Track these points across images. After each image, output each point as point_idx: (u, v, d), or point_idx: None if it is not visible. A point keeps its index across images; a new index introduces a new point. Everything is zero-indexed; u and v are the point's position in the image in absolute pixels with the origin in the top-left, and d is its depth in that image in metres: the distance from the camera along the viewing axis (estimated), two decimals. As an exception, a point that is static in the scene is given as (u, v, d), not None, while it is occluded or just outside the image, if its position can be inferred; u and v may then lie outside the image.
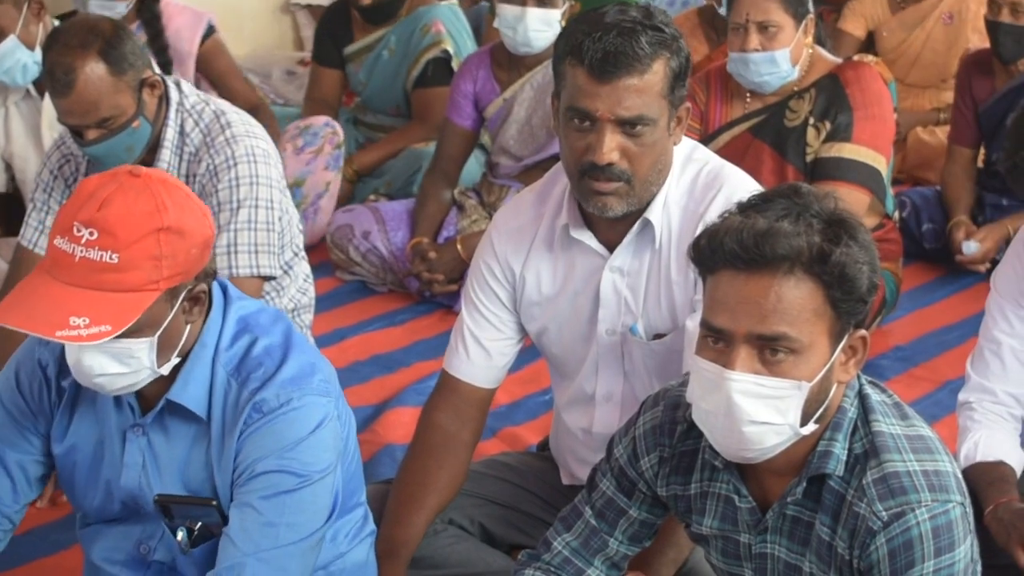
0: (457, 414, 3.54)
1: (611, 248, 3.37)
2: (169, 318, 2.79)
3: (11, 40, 4.89)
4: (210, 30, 5.97)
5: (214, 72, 5.88)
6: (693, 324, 3.24)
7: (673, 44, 3.25)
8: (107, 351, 2.76)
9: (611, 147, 3.18)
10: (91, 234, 2.70)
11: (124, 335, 2.73)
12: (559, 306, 3.49)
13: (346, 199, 6.19)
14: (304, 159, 5.94)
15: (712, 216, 3.15)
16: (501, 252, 3.52)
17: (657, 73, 3.21)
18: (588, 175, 3.21)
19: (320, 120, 6.16)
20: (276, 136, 5.16)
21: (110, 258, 2.70)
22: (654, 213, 3.32)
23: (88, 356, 2.76)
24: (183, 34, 5.93)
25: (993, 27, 5.78)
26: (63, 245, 2.72)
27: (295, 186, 5.68)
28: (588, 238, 3.39)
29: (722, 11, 6.09)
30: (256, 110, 5.46)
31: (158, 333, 2.78)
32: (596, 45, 3.16)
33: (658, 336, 3.39)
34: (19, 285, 2.80)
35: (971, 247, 5.58)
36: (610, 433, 3.17)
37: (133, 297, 2.72)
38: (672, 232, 3.34)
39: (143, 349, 2.78)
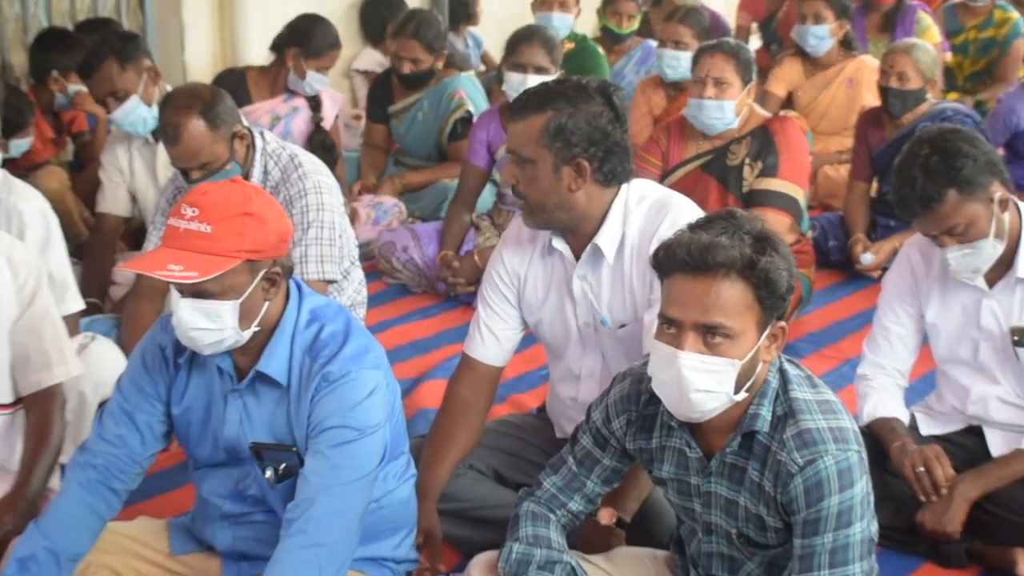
0: (474, 386, 3.56)
1: (579, 258, 3.41)
2: (250, 289, 2.82)
3: (134, 99, 4.88)
4: (336, 116, 6.10)
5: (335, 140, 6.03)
6: (649, 317, 3.27)
7: (564, 108, 3.25)
8: (200, 309, 2.80)
9: (509, 174, 3.32)
10: (193, 211, 2.78)
11: (211, 296, 2.79)
12: (549, 303, 3.51)
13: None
14: (378, 228, 6.01)
15: (662, 232, 3.22)
16: (508, 262, 3.54)
17: (533, 123, 3.26)
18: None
19: (390, 200, 6.20)
20: (341, 180, 5.23)
21: (205, 228, 2.76)
22: (602, 240, 3.35)
23: (186, 312, 2.81)
24: (326, 112, 6.05)
25: (884, 91, 5.80)
26: (173, 222, 2.80)
27: (364, 244, 5.71)
28: (564, 248, 3.43)
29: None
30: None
31: (240, 300, 2.81)
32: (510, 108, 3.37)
33: (623, 326, 3.41)
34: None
35: (868, 258, 5.61)
36: (590, 399, 3.17)
37: (219, 259, 2.76)
38: (633, 247, 3.35)
39: (228, 311, 2.81)
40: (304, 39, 6.00)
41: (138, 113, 4.85)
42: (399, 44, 6.27)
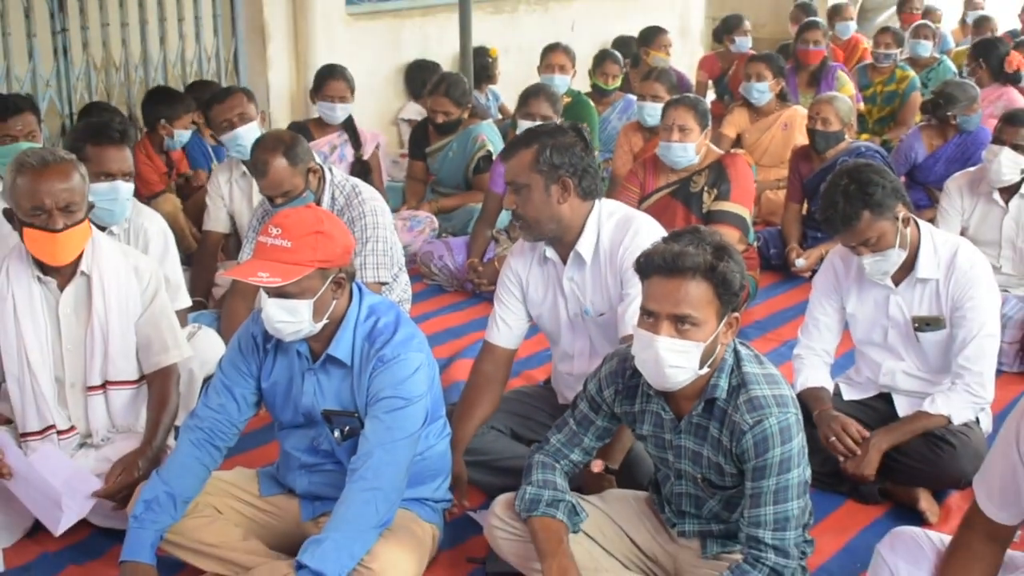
0: (494, 364, 3.55)
1: (566, 264, 3.44)
2: (321, 290, 2.82)
3: (255, 123, 4.92)
4: (377, 145, 6.11)
5: (371, 165, 6.01)
6: (622, 308, 3.31)
7: (547, 140, 3.29)
8: (283, 306, 2.80)
9: (508, 201, 3.33)
10: (278, 231, 2.78)
11: (291, 296, 2.78)
12: (547, 300, 3.51)
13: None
14: (413, 234, 5.95)
15: (627, 241, 3.32)
16: (515, 268, 3.55)
17: (524, 156, 3.30)
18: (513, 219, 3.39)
19: (423, 214, 6.16)
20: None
21: (287, 244, 2.77)
22: (582, 246, 3.37)
23: (272, 308, 2.81)
24: (367, 145, 6.06)
25: (811, 132, 5.77)
26: (262, 239, 2.81)
27: (406, 246, 5.65)
28: (555, 256, 3.45)
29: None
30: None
31: (314, 299, 2.81)
32: (502, 152, 3.43)
33: (601, 314, 3.42)
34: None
35: (801, 262, 5.57)
36: (583, 373, 3.25)
37: (297, 268, 2.77)
38: (605, 253, 3.37)
39: (304, 307, 2.80)
40: (312, 84, 6.20)
41: (255, 135, 4.82)
42: (433, 100, 6.27)
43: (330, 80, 6.07)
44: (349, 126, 6.10)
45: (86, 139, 3.85)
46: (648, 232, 3.30)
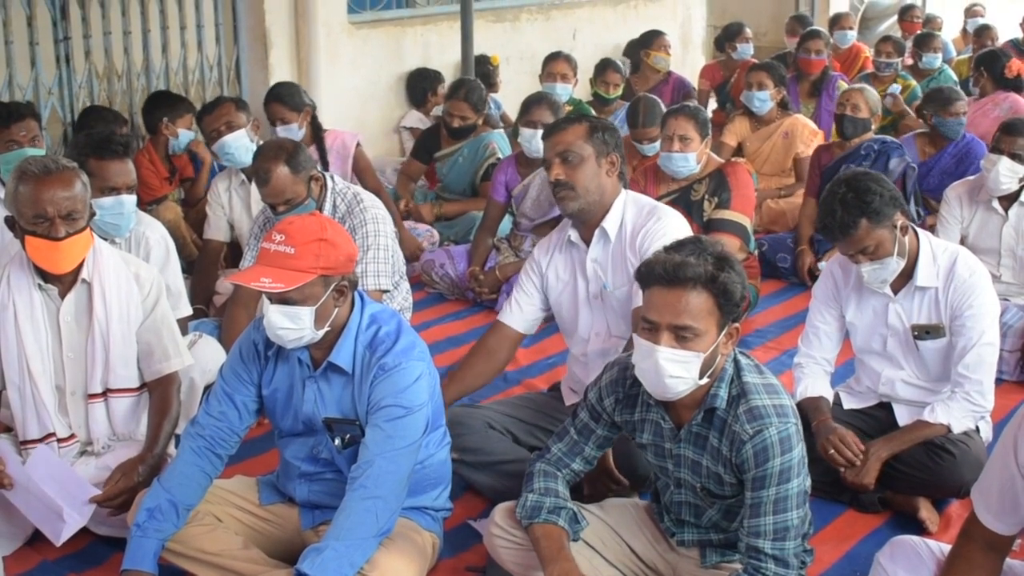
0: (498, 340, 3.70)
1: (588, 245, 3.59)
2: (323, 298, 2.82)
3: (243, 131, 4.94)
4: (358, 144, 5.99)
5: (359, 167, 5.93)
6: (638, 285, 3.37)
7: (596, 121, 3.57)
8: (285, 313, 2.81)
9: (556, 172, 3.50)
10: (281, 237, 2.79)
11: (294, 303, 2.79)
12: (568, 284, 3.65)
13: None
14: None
15: (650, 225, 3.51)
16: (537, 258, 3.74)
17: (577, 129, 3.51)
18: (554, 191, 3.52)
19: (423, 227, 6.17)
20: (389, 207, 5.18)
21: (289, 250, 2.77)
22: (608, 223, 3.55)
23: (274, 315, 2.82)
24: (347, 143, 5.93)
25: (839, 118, 5.84)
26: (265, 245, 2.82)
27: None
28: (578, 239, 3.61)
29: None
30: (378, 192, 5.49)
31: (316, 306, 2.81)
32: (549, 128, 3.61)
33: (620, 288, 3.55)
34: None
35: (822, 266, 5.59)
36: (597, 351, 3.54)
37: (299, 275, 2.77)
38: (628, 233, 3.54)
39: (307, 314, 2.81)
40: None
41: (242, 142, 4.89)
42: (451, 104, 6.30)
43: (265, 106, 5.73)
44: (319, 146, 5.77)
45: (89, 153, 3.86)
46: (671, 220, 3.50)
